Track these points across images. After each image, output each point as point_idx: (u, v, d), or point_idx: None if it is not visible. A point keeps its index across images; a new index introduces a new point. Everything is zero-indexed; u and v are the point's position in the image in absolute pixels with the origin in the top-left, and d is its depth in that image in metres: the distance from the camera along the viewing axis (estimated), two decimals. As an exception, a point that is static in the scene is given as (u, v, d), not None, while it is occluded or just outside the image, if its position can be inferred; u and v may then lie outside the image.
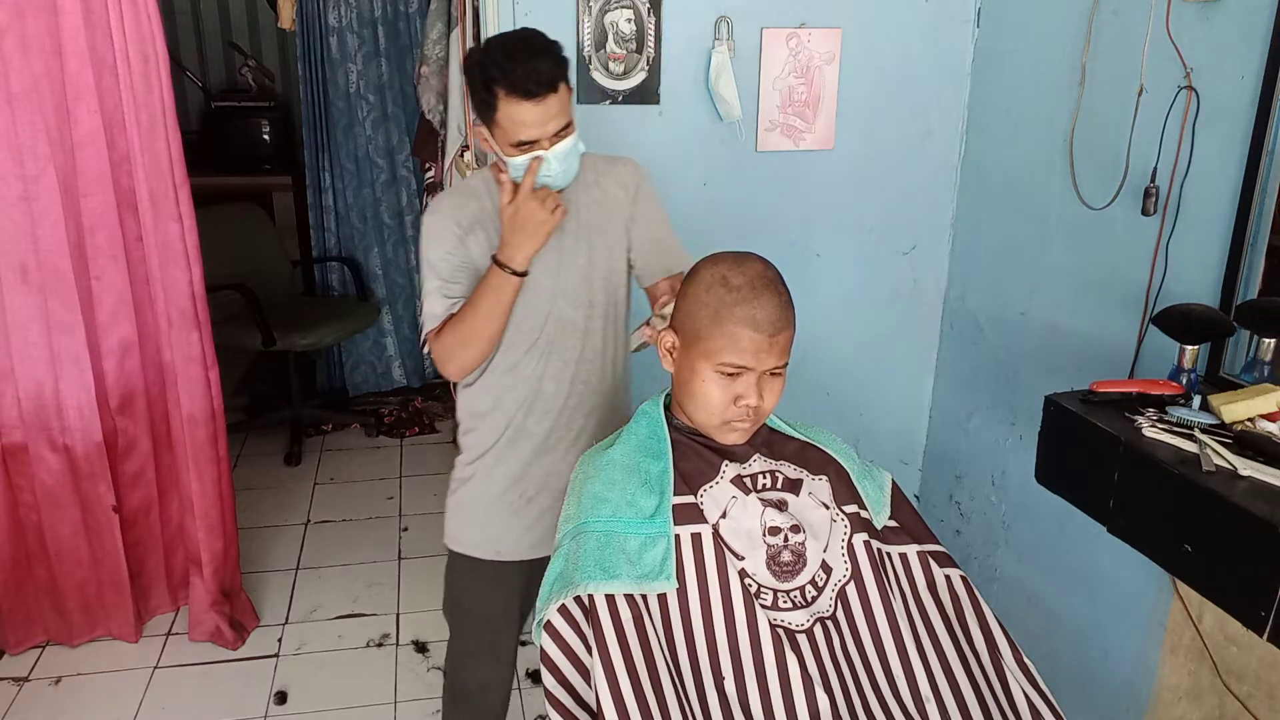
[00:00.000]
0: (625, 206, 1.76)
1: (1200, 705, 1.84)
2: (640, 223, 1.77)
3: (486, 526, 1.80)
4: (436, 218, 1.68)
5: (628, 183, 1.77)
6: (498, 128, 1.57)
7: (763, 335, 1.25)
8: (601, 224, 1.73)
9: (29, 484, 2.49)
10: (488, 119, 1.58)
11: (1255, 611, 1.32)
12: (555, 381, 1.73)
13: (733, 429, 1.31)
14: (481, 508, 1.80)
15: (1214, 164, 1.75)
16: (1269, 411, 1.52)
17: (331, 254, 4.12)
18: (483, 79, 1.54)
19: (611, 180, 1.75)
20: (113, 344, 2.45)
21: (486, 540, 1.81)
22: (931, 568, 1.37)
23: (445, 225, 1.66)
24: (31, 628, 2.64)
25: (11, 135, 2.23)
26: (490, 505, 1.79)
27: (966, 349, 2.59)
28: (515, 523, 1.79)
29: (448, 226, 1.66)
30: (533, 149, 1.56)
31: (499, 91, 1.53)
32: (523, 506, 1.78)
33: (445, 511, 1.86)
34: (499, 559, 1.81)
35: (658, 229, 1.79)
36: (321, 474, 3.68)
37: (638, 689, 1.15)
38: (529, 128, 1.54)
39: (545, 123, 1.55)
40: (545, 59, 1.54)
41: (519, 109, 1.53)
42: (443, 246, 1.66)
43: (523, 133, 1.55)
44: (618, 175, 1.77)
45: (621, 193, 1.76)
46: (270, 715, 2.43)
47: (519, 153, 1.57)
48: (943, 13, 2.43)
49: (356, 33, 3.87)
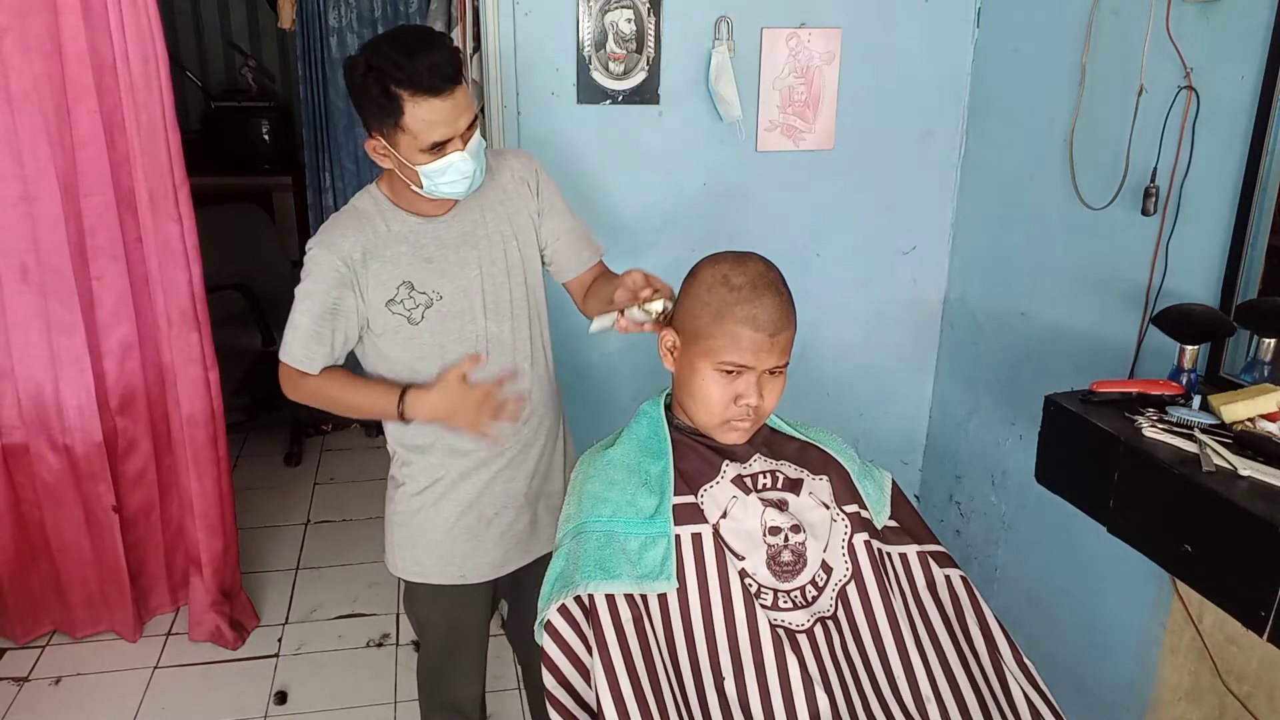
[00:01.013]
0: (529, 201, 1.68)
1: (1200, 705, 1.84)
2: (548, 216, 1.69)
3: (446, 553, 1.72)
4: (322, 254, 1.54)
5: (525, 176, 1.68)
6: (403, 134, 1.45)
7: (763, 334, 1.25)
8: (512, 224, 1.65)
9: (30, 482, 2.50)
10: (388, 127, 1.45)
11: (1255, 611, 1.32)
12: None
13: (733, 428, 1.31)
14: (438, 537, 1.71)
15: (1214, 164, 1.75)
16: (1269, 411, 1.52)
17: (331, 254, 4.12)
18: (380, 84, 1.41)
19: (508, 175, 1.67)
20: (113, 344, 2.46)
21: (449, 566, 1.73)
22: (931, 568, 1.37)
23: (332, 261, 1.53)
24: (38, 618, 2.66)
25: (11, 135, 2.23)
26: (447, 532, 1.71)
27: (966, 349, 2.59)
28: (476, 546, 1.72)
29: (334, 263, 1.53)
30: (445, 151, 1.46)
31: (402, 94, 1.41)
32: (482, 530, 1.72)
33: (389, 543, 1.76)
34: (464, 582, 1.74)
35: (567, 219, 1.72)
36: (321, 474, 3.68)
37: (638, 689, 1.15)
38: (440, 127, 1.44)
39: (456, 118, 1.45)
40: (442, 51, 1.43)
41: (428, 108, 1.42)
42: (322, 285, 1.54)
43: (435, 133, 1.44)
44: (514, 170, 1.68)
45: (524, 188, 1.68)
46: (270, 715, 2.43)
47: (432, 158, 1.46)
48: (943, 13, 2.43)
49: (356, 33, 3.87)
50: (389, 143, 1.48)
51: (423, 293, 1.58)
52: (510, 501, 1.73)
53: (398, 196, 1.60)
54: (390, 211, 1.59)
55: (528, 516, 1.76)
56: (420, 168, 1.48)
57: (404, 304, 1.57)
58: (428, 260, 1.59)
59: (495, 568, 1.75)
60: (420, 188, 1.53)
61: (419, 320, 1.58)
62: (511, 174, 1.68)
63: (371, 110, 1.46)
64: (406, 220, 1.60)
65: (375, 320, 1.59)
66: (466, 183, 1.53)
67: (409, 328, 1.59)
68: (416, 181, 1.52)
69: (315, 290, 1.55)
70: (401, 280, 1.57)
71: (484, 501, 1.71)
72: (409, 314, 1.58)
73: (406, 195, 1.59)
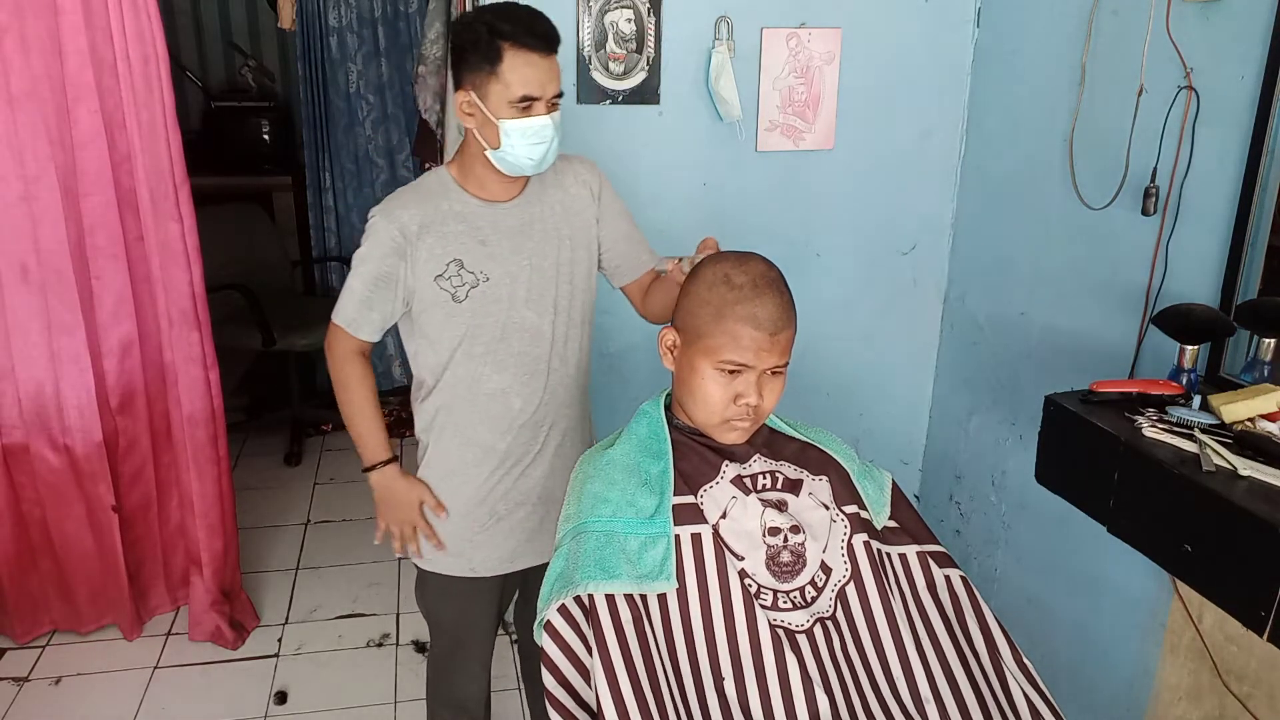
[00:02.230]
0: (590, 205, 1.72)
1: (1200, 705, 1.84)
2: (608, 221, 1.74)
3: (458, 545, 1.75)
4: (382, 223, 1.59)
5: (589, 180, 1.73)
6: (496, 83, 1.50)
7: (764, 333, 1.25)
8: (569, 225, 1.69)
9: (30, 482, 2.50)
10: (483, 75, 1.50)
11: (1255, 611, 1.32)
12: (521, 397, 1.68)
13: (733, 428, 1.31)
14: (450, 526, 1.74)
15: (1214, 164, 1.75)
16: (1269, 411, 1.52)
17: (331, 254, 4.12)
18: (488, 31, 1.48)
19: (572, 179, 1.71)
20: (113, 344, 2.46)
21: (459, 558, 1.75)
22: (931, 568, 1.37)
23: (389, 230, 1.58)
24: (38, 618, 2.66)
25: (12, 135, 2.23)
26: (460, 523, 1.74)
27: (966, 349, 2.59)
28: (487, 540, 1.74)
29: (391, 232, 1.58)
30: (533, 109, 1.51)
31: (505, 45, 1.48)
32: (494, 525, 1.74)
33: None
34: (474, 575, 1.76)
35: (626, 225, 1.76)
36: (321, 474, 3.68)
37: (637, 689, 1.15)
38: (533, 83, 1.49)
39: (548, 82, 1.51)
40: (547, 21, 1.52)
41: (525, 60, 1.48)
42: (378, 252, 1.59)
43: (530, 87, 1.49)
44: (577, 174, 1.72)
45: (585, 191, 1.72)
46: (270, 715, 2.43)
47: (518, 113, 1.51)
48: (943, 13, 2.43)
49: (356, 33, 3.87)
50: (479, 94, 1.52)
51: (471, 272, 1.61)
52: (524, 499, 1.74)
53: (465, 178, 1.64)
54: (455, 192, 1.63)
55: (539, 515, 1.77)
56: (504, 122, 1.51)
57: (451, 280, 1.61)
58: (482, 243, 1.62)
59: (504, 562, 1.76)
60: (497, 148, 1.55)
61: (463, 299, 1.62)
62: (575, 178, 1.72)
63: (471, 58, 1.51)
64: (469, 202, 1.63)
65: (421, 293, 1.62)
66: (542, 149, 1.55)
67: (451, 305, 1.62)
68: (494, 141, 1.54)
69: (371, 256, 1.60)
70: (453, 257, 1.61)
71: (495, 498, 1.73)
72: (454, 291, 1.61)
73: (474, 176, 1.63)
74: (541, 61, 1.50)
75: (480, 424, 1.68)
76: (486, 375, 1.66)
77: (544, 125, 1.53)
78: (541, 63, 1.50)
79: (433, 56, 3.02)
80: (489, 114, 1.52)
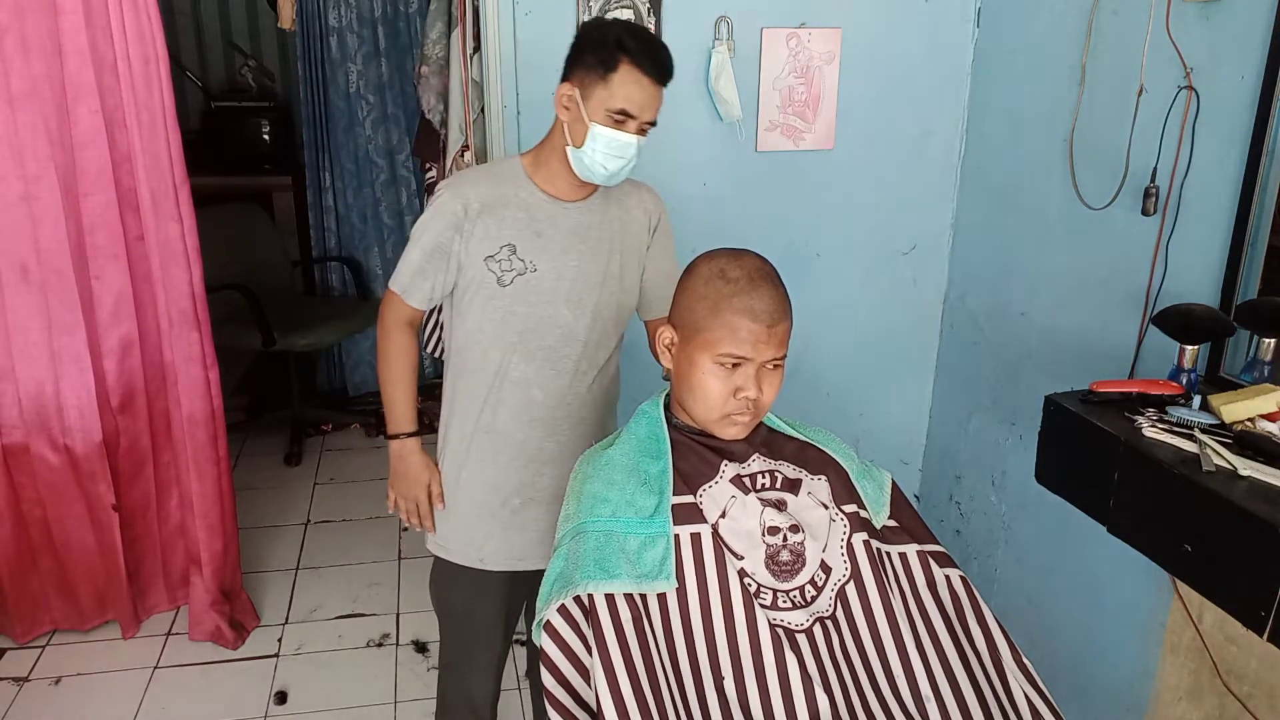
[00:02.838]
0: (645, 233, 1.77)
1: (1200, 705, 1.84)
2: (656, 255, 1.79)
3: (469, 533, 1.77)
4: (448, 195, 1.66)
5: (651, 210, 1.78)
6: (604, 89, 1.55)
7: (761, 326, 1.25)
8: (622, 242, 1.73)
9: (31, 482, 2.50)
10: (593, 77, 1.56)
11: (1255, 611, 1.32)
12: (544, 391, 1.70)
13: (732, 422, 1.31)
14: (463, 513, 1.77)
15: (1214, 164, 1.75)
16: (1269, 411, 1.52)
17: (331, 254, 4.12)
18: (615, 40, 1.55)
19: (636, 202, 1.76)
20: (113, 343, 2.46)
21: (469, 547, 1.78)
22: (931, 567, 1.37)
23: (452, 205, 1.64)
24: (39, 618, 2.66)
25: (12, 135, 2.23)
26: (472, 511, 1.76)
27: (966, 349, 2.59)
28: (498, 531, 1.76)
29: (454, 206, 1.64)
30: (624, 125, 1.57)
31: (624, 58, 1.54)
32: (507, 517, 1.75)
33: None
34: (482, 568, 1.78)
35: (670, 264, 1.80)
36: (321, 474, 3.68)
37: (637, 689, 1.15)
38: (635, 102, 1.55)
39: (648, 107, 1.57)
40: (669, 56, 1.58)
41: (639, 82, 1.55)
42: (438, 224, 1.64)
43: (629, 105, 1.55)
44: (642, 200, 1.78)
45: (645, 219, 1.77)
46: (270, 715, 2.43)
47: (609, 122, 1.56)
48: (943, 13, 2.43)
49: (356, 33, 3.87)
50: (583, 93, 1.57)
51: (521, 259, 1.65)
52: (537, 496, 1.76)
53: (536, 170, 1.68)
54: (523, 181, 1.68)
55: (552, 517, 1.78)
56: (595, 126, 1.57)
57: (500, 264, 1.64)
58: (537, 234, 1.66)
59: (514, 559, 1.78)
60: (579, 147, 1.60)
61: (507, 284, 1.65)
62: (639, 202, 1.77)
63: (588, 57, 1.57)
64: (535, 194, 1.68)
65: (468, 271, 1.66)
66: (619, 164, 1.60)
67: (495, 288, 1.65)
68: (579, 140, 1.59)
69: (431, 228, 1.65)
70: (507, 242, 1.64)
71: (508, 489, 1.75)
72: (500, 275, 1.65)
73: (547, 170, 1.67)
74: (650, 86, 1.56)
75: (500, 411, 1.72)
76: (514, 363, 1.69)
77: (628, 143, 1.58)
78: (650, 87, 1.56)
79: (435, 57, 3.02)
80: (585, 113, 1.58)
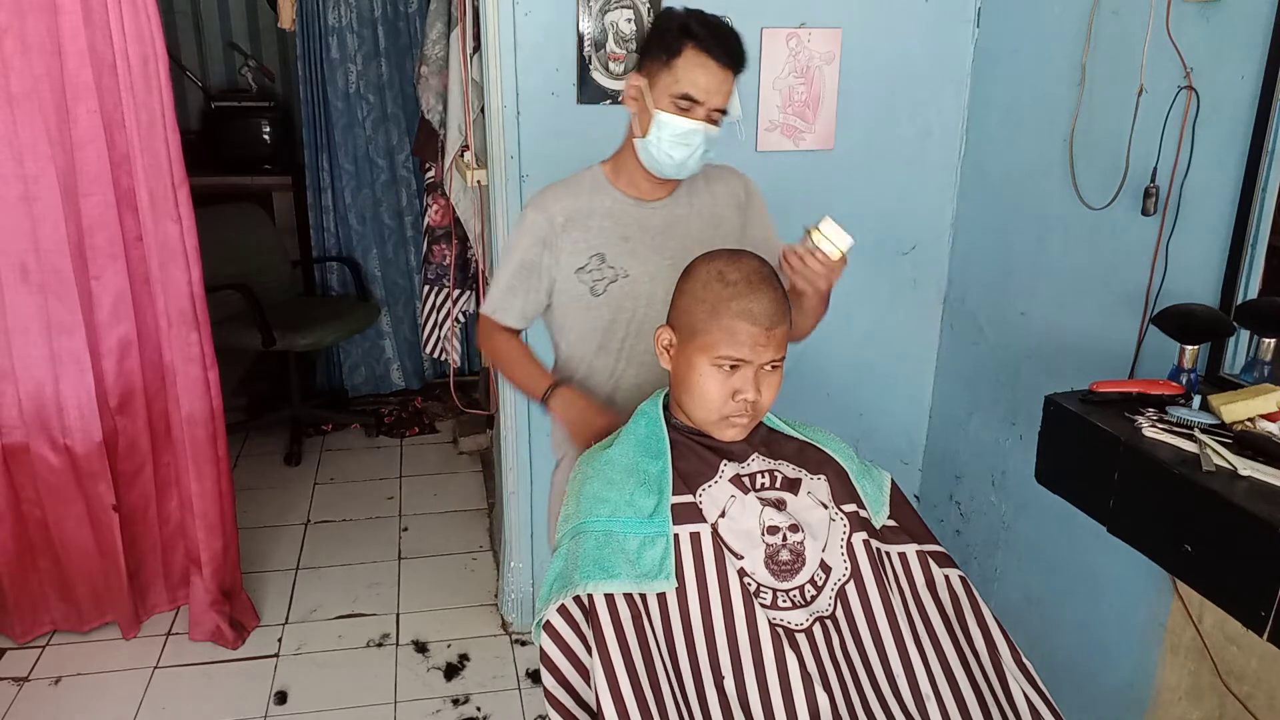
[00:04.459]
0: (736, 214, 1.76)
1: (1200, 705, 1.84)
2: (752, 229, 1.77)
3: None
4: (533, 212, 1.66)
5: (736, 189, 1.77)
6: (668, 75, 1.54)
7: (759, 328, 1.25)
8: (714, 230, 1.72)
9: (30, 482, 2.50)
10: (658, 64, 1.55)
11: (1255, 611, 1.32)
12: (627, 392, 1.71)
13: (731, 424, 1.31)
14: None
15: (1214, 164, 1.75)
16: (1269, 411, 1.52)
17: (331, 254, 4.12)
18: (679, 25, 1.54)
19: (721, 187, 1.75)
20: (112, 344, 2.46)
21: None
22: (931, 567, 1.37)
23: (538, 221, 1.65)
24: (38, 618, 2.66)
25: (11, 135, 2.23)
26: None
27: (966, 349, 2.59)
28: None
29: (540, 222, 1.64)
30: (690, 112, 1.54)
31: (688, 43, 1.52)
32: None
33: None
34: None
35: (766, 232, 1.79)
36: (321, 474, 3.68)
37: (637, 689, 1.15)
38: (699, 86, 1.53)
39: (714, 93, 1.54)
40: (739, 43, 1.56)
41: (704, 65, 1.52)
42: (525, 240, 1.66)
43: (694, 89, 1.53)
44: (727, 182, 1.76)
45: (732, 199, 1.76)
46: (270, 715, 2.43)
47: (674, 109, 1.54)
48: (943, 13, 2.43)
49: (356, 33, 3.87)
50: (650, 82, 1.56)
51: (611, 267, 1.65)
52: None
53: (617, 175, 1.69)
54: (605, 188, 1.68)
55: None
56: (659, 114, 1.55)
57: (592, 274, 1.65)
58: (625, 239, 1.66)
59: None
60: (645, 137, 1.58)
61: (600, 293, 1.65)
62: (725, 185, 1.76)
63: (654, 44, 1.57)
64: (618, 199, 1.68)
65: (561, 284, 1.66)
66: (684, 152, 1.57)
67: (589, 298, 1.66)
68: (644, 129, 1.57)
69: (519, 246, 1.67)
70: (595, 251, 1.64)
71: None
72: (593, 285, 1.65)
73: (626, 173, 1.67)
74: (716, 70, 1.53)
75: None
76: (623, 370, 1.70)
77: (693, 130, 1.55)
78: (716, 71, 1.53)
79: (435, 57, 3.02)
80: (650, 101, 1.56)
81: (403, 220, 4.16)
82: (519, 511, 2.62)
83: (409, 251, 4.19)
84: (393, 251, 4.18)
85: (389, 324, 4.20)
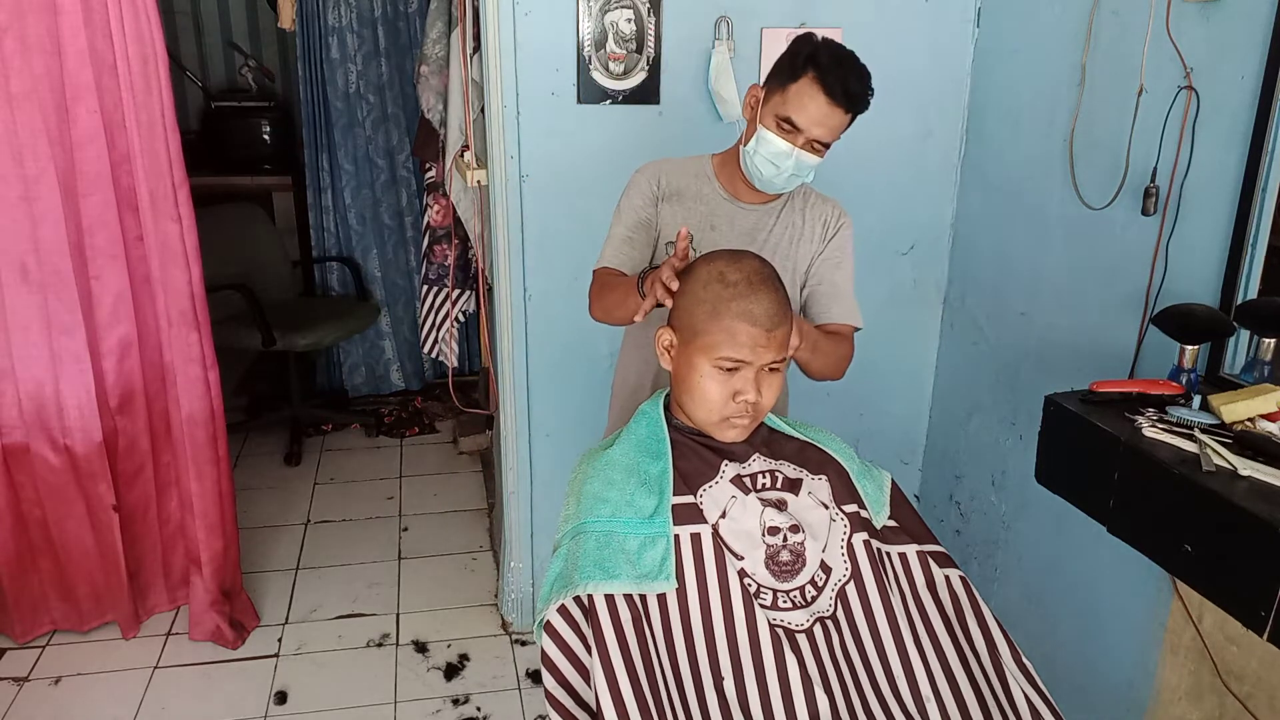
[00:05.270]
0: (817, 244, 1.79)
1: (1200, 705, 1.84)
2: (824, 262, 1.80)
3: None
4: (643, 176, 1.76)
5: (830, 222, 1.80)
6: (779, 96, 1.60)
7: (760, 330, 1.25)
8: (787, 249, 1.77)
9: (30, 482, 2.50)
10: (778, 83, 1.61)
11: (1255, 611, 1.32)
12: None
13: (732, 425, 1.31)
14: None
15: (1214, 164, 1.75)
16: (1269, 411, 1.52)
17: (331, 254, 4.12)
18: (808, 53, 1.58)
19: (814, 215, 1.79)
20: (112, 344, 2.45)
21: None
22: (931, 567, 1.37)
23: (647, 184, 1.74)
24: (38, 618, 2.66)
25: (11, 135, 2.23)
26: None
27: (966, 349, 2.59)
28: None
29: (649, 186, 1.74)
30: (789, 136, 1.60)
31: (809, 73, 1.57)
32: None
33: None
34: None
35: (838, 273, 1.80)
36: (321, 474, 3.68)
37: (637, 689, 1.15)
38: (805, 116, 1.58)
39: (818, 125, 1.59)
40: (863, 85, 1.60)
41: (814, 98, 1.57)
42: (637, 200, 1.74)
43: (798, 116, 1.58)
44: (823, 213, 1.80)
45: (821, 230, 1.79)
46: (270, 715, 2.43)
47: (776, 129, 1.60)
48: (943, 13, 2.43)
49: (356, 33, 3.87)
50: (766, 96, 1.64)
51: (695, 250, 1.67)
52: None
53: (722, 170, 1.77)
54: (708, 178, 1.77)
55: None
56: (763, 129, 1.63)
57: None
58: (712, 227, 1.75)
59: None
60: (745, 146, 1.67)
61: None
62: (818, 215, 1.80)
63: (783, 63, 1.63)
64: (717, 191, 1.77)
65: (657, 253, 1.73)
66: (772, 170, 1.64)
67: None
68: (748, 138, 1.67)
69: (632, 205, 1.76)
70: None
71: None
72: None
73: (729, 170, 1.75)
74: (825, 104, 1.57)
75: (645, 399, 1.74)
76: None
77: (785, 152, 1.61)
78: (825, 106, 1.57)
79: (435, 56, 3.02)
80: (759, 114, 1.64)
81: (403, 220, 4.16)
82: (519, 511, 2.62)
83: (409, 252, 4.19)
84: (393, 252, 4.19)
85: (389, 324, 4.20)
